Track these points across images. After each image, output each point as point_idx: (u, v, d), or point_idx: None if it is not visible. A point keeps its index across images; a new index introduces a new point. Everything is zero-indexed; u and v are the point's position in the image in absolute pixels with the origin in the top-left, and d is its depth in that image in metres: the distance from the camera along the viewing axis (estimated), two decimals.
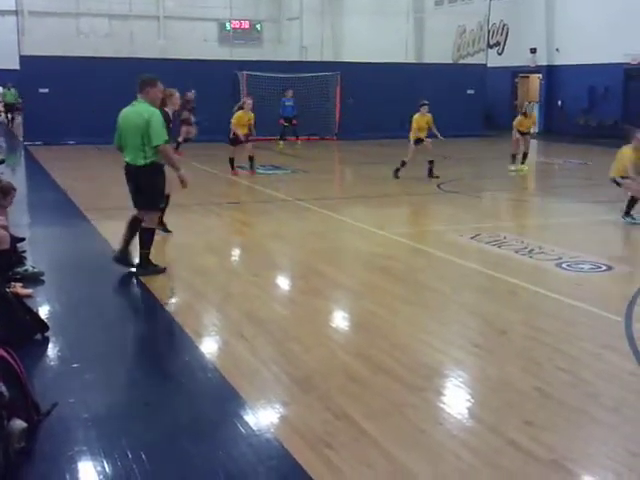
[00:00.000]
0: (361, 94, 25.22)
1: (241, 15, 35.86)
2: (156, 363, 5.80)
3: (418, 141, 15.83)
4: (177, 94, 9.24)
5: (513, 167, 17.30)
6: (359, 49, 30.74)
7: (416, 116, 15.96)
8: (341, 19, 36.94)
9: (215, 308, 7.02)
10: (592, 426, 4.55)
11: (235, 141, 15.79)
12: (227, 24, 35.27)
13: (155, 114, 7.51)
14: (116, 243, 9.26)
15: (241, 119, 15.66)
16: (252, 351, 5.71)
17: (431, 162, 15.84)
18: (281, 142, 22.58)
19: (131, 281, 7.89)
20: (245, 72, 24.35)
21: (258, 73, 24.37)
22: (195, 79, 20.10)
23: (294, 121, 23.29)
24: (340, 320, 6.92)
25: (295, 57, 31.18)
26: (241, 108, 15.94)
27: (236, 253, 9.79)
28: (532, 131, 17.45)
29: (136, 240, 7.89)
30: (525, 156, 17.47)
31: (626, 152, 10.87)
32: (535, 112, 17.80)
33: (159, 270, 7.92)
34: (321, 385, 5.05)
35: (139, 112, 7.52)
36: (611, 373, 5.32)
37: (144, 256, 7.87)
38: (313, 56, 30.84)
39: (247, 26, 38.28)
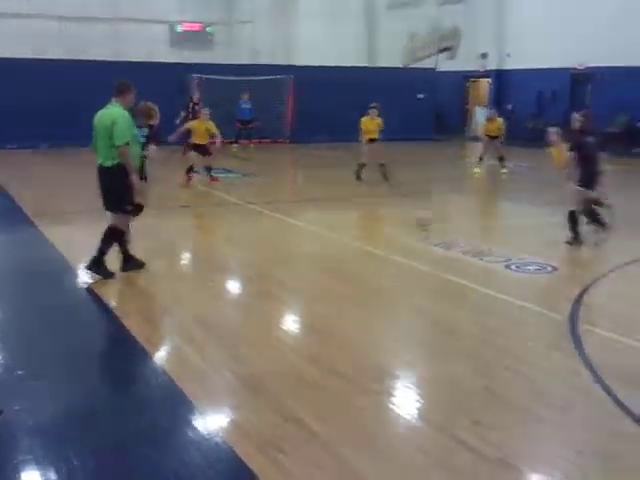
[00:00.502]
0: (313, 97, 25.24)
1: (192, 18, 35.56)
2: (104, 369, 5.74)
3: (370, 141, 15.85)
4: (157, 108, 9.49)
5: (477, 169, 17.86)
6: (311, 52, 30.76)
7: (364, 119, 15.92)
8: (293, 22, 36.92)
9: (165, 312, 6.96)
10: (538, 425, 4.62)
11: (196, 149, 15.59)
12: (178, 27, 34.99)
13: (122, 115, 7.62)
14: (64, 249, 9.16)
15: (198, 129, 15.46)
16: (202, 355, 5.68)
17: (382, 165, 15.85)
18: (235, 145, 22.50)
19: (79, 287, 7.79)
20: (197, 75, 24.21)
21: (210, 76, 24.24)
22: (146, 82, 19.84)
23: (251, 124, 23.25)
24: (291, 323, 6.92)
25: (247, 60, 31.08)
26: (195, 118, 15.93)
27: (187, 257, 9.73)
28: (500, 135, 17.88)
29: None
30: (501, 159, 17.90)
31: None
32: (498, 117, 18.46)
33: (110, 274, 7.87)
34: (272, 388, 5.04)
35: (110, 114, 7.64)
36: (556, 372, 5.42)
37: (101, 254, 7.80)
38: (265, 59, 30.78)
39: (198, 29, 37.98)
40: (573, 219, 9.57)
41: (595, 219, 9.64)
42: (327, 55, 27.95)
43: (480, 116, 29.48)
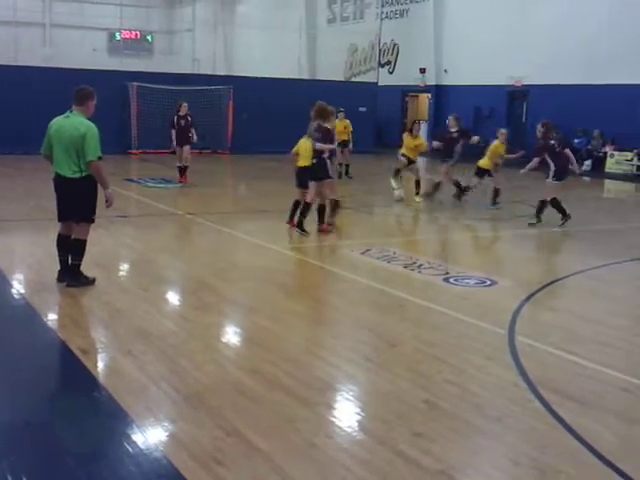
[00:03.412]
0: (254, 109, 25.23)
1: (131, 25, 35.21)
2: (39, 382, 5.56)
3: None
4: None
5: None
6: (252, 64, 30.78)
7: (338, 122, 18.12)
8: (234, 32, 36.90)
9: (102, 324, 6.83)
10: (477, 436, 4.68)
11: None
12: (117, 34, 34.65)
13: (91, 129, 7.42)
14: None
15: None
16: (141, 368, 5.58)
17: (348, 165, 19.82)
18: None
19: (11, 295, 7.59)
20: (135, 83, 23.97)
21: (149, 85, 24.02)
22: None
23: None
24: (232, 335, 6.87)
25: (187, 70, 30.88)
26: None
27: (125, 268, 9.56)
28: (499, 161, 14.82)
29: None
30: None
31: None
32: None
33: (90, 281, 7.77)
34: (212, 401, 4.98)
35: (74, 125, 7.41)
36: (495, 384, 5.49)
37: (76, 267, 7.71)
38: (205, 69, 30.64)
39: (137, 36, 37.63)
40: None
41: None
42: (268, 67, 27.99)
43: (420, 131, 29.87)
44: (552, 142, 12.46)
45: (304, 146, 11.29)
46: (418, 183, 15.35)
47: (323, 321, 7.12)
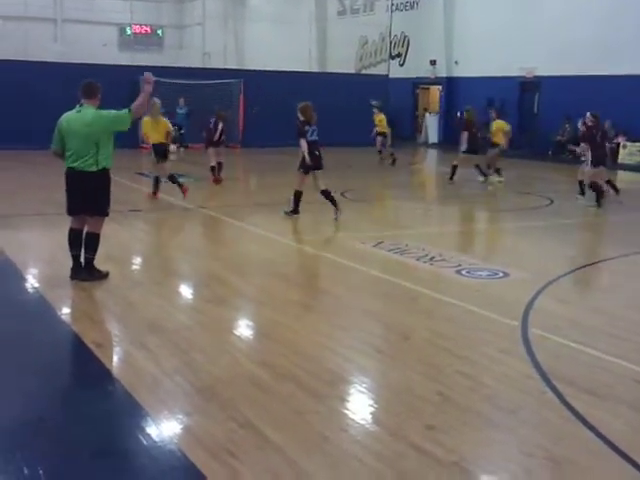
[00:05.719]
0: (265, 102, 25.20)
1: (142, 20, 35.29)
2: (52, 375, 5.59)
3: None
4: None
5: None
6: (262, 57, 30.77)
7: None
8: (244, 26, 36.90)
9: (116, 318, 6.86)
10: (490, 429, 4.68)
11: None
12: (128, 29, 34.70)
13: (103, 115, 7.56)
14: (11, 253, 8.96)
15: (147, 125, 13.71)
16: (155, 361, 5.61)
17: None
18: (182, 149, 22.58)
19: (25, 290, 7.64)
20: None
21: (159, 79, 24.01)
22: None
23: (182, 130, 23.19)
24: (244, 328, 6.88)
25: (197, 64, 30.91)
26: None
27: (138, 262, 9.60)
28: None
29: None
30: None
31: None
32: None
33: (103, 275, 7.83)
34: (225, 394, 5.00)
35: (88, 119, 7.48)
36: (509, 377, 5.48)
37: (91, 261, 7.78)
38: (216, 63, 30.67)
39: (148, 31, 37.67)
40: None
41: None
42: (278, 60, 27.96)
43: (430, 123, 29.85)
44: (595, 132, 13.61)
45: (157, 124, 13.48)
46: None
47: (334, 313, 7.13)
